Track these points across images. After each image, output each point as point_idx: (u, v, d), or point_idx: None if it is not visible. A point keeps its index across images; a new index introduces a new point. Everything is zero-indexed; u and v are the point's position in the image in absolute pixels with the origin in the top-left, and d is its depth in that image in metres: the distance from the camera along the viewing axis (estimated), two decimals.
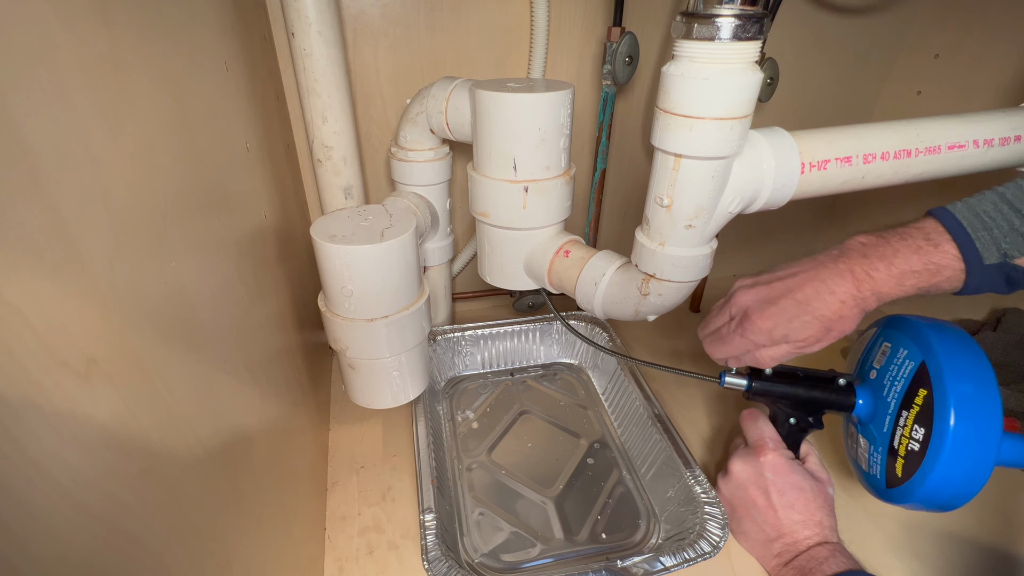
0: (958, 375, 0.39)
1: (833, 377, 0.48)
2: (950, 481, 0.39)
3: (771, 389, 0.47)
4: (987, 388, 0.39)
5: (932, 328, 0.43)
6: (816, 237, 0.93)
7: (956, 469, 0.39)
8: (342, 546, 0.48)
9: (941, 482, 0.39)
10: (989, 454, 0.38)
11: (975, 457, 0.38)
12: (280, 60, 0.56)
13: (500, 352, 0.70)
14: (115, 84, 0.23)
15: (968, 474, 0.39)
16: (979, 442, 0.38)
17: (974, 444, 0.38)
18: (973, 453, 0.38)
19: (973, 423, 0.38)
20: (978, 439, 0.38)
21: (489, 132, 0.45)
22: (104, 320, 0.20)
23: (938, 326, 0.43)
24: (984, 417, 0.38)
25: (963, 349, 0.41)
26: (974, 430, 0.38)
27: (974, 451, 0.38)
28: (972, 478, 0.39)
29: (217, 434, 0.29)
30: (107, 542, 0.19)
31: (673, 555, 0.44)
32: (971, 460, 0.38)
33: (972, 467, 0.39)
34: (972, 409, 0.38)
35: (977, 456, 0.38)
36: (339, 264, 0.44)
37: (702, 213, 0.38)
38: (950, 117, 0.42)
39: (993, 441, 0.38)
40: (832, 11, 0.69)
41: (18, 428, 0.15)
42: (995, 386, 0.39)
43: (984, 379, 0.39)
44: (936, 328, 0.43)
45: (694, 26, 0.32)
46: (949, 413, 0.38)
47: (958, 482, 0.39)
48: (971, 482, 0.39)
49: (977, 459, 0.38)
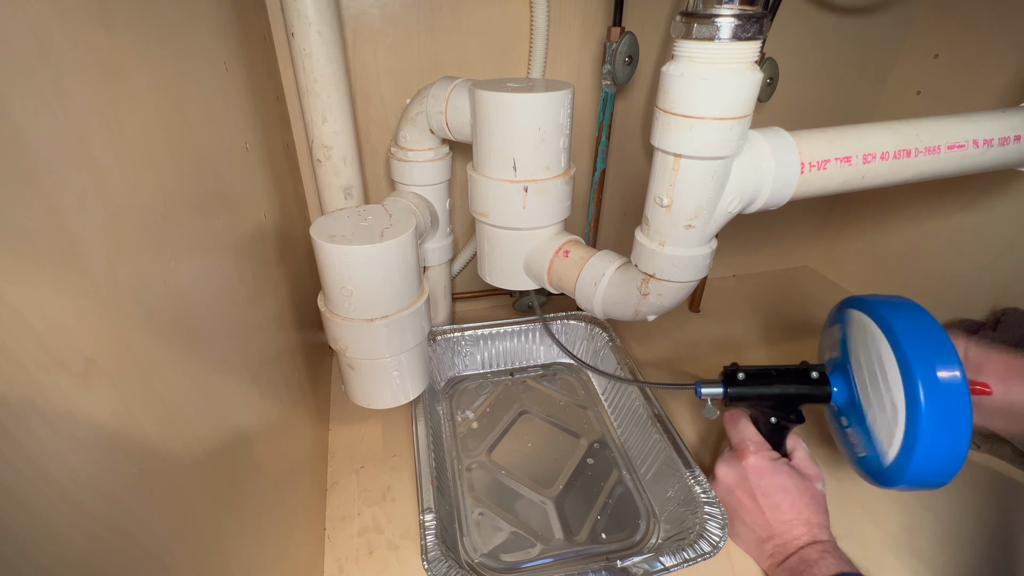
0: (917, 348, 0.40)
1: (805, 369, 0.48)
2: (933, 458, 0.39)
3: (746, 393, 0.48)
4: (948, 359, 0.39)
5: (885, 305, 0.44)
6: (816, 237, 0.93)
7: (936, 443, 0.39)
8: (342, 546, 0.48)
9: (924, 461, 0.40)
10: (965, 420, 0.39)
11: (951, 427, 0.39)
12: (280, 60, 0.56)
13: (500, 352, 0.70)
14: (115, 84, 0.23)
15: (948, 445, 0.39)
16: (952, 410, 0.39)
17: (947, 414, 0.39)
18: (949, 424, 0.39)
19: (941, 394, 0.39)
20: (950, 408, 0.39)
21: (489, 132, 0.45)
22: (103, 320, 0.20)
23: (890, 302, 0.44)
24: (951, 386, 0.39)
25: (920, 324, 0.42)
26: (943, 400, 0.39)
27: (949, 421, 0.39)
28: (954, 451, 0.39)
29: (216, 434, 0.29)
30: (106, 542, 0.19)
31: (673, 555, 0.44)
32: (948, 431, 0.39)
33: (951, 437, 0.39)
34: (936, 381, 0.39)
35: (953, 425, 0.39)
36: (339, 264, 0.44)
37: (702, 213, 0.38)
38: (950, 117, 0.42)
39: (965, 412, 0.38)
40: (832, 11, 0.69)
41: (17, 428, 0.15)
42: (956, 357, 0.39)
43: (943, 349, 0.40)
44: (892, 305, 0.44)
45: (694, 26, 0.32)
46: (918, 390, 0.39)
47: (941, 455, 0.39)
48: (954, 455, 0.39)
49: (954, 428, 0.39)
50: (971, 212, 0.69)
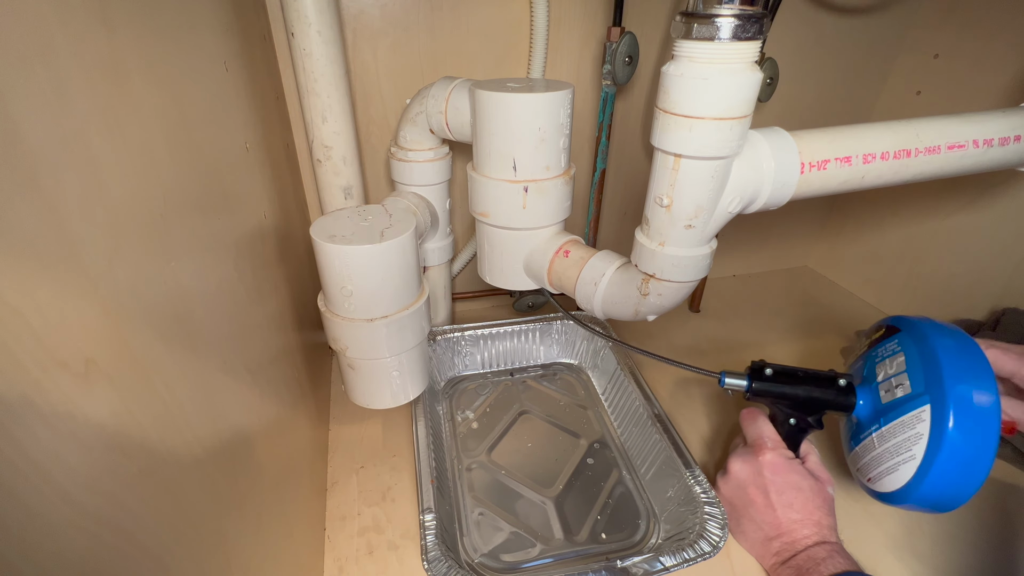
0: (957, 376, 0.39)
1: (833, 377, 0.48)
2: (947, 483, 0.39)
3: (771, 389, 0.47)
4: (986, 390, 0.39)
5: (932, 329, 0.43)
6: (816, 237, 0.93)
7: (952, 472, 0.39)
8: (342, 546, 0.48)
9: (937, 485, 0.39)
10: (986, 457, 0.38)
11: (972, 460, 0.38)
12: (280, 60, 0.56)
13: (500, 352, 0.70)
14: (114, 84, 0.23)
15: (964, 477, 0.39)
16: (976, 445, 0.38)
17: (971, 447, 0.38)
18: (970, 456, 0.38)
19: (970, 426, 0.38)
20: (975, 442, 0.38)
21: (489, 132, 0.45)
22: (103, 320, 0.20)
23: (939, 327, 0.43)
24: (982, 420, 0.38)
25: (962, 350, 0.41)
26: (971, 433, 0.38)
27: (971, 454, 0.38)
28: (968, 480, 0.39)
29: (216, 434, 0.29)
30: (106, 542, 0.19)
31: (673, 555, 0.44)
32: (967, 463, 0.38)
33: (968, 470, 0.38)
34: (970, 411, 0.38)
35: (974, 458, 0.38)
36: (339, 264, 0.44)
37: (702, 213, 0.38)
38: (950, 117, 0.42)
39: (991, 444, 0.38)
40: (832, 11, 0.69)
41: (17, 428, 0.15)
42: (994, 388, 0.39)
43: (983, 381, 0.39)
44: (936, 329, 0.43)
45: (694, 26, 0.32)
46: (948, 416, 0.38)
47: (954, 485, 0.39)
48: (966, 485, 0.39)
49: (974, 461, 0.38)
50: (971, 212, 0.69)
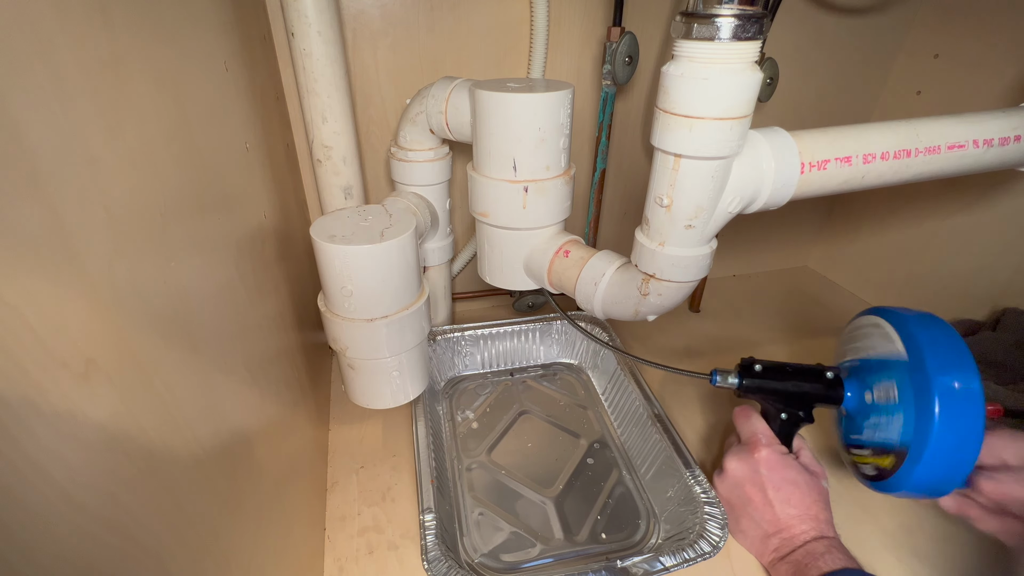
0: (939, 363, 0.40)
1: (821, 370, 0.49)
2: (938, 468, 0.40)
3: (761, 385, 0.48)
4: (968, 375, 0.39)
5: (914, 318, 0.44)
6: (816, 237, 0.93)
7: (943, 457, 0.39)
8: (342, 546, 0.48)
9: (930, 470, 0.40)
10: (975, 439, 0.39)
11: (961, 443, 0.39)
12: (280, 60, 0.56)
13: (500, 352, 0.70)
14: (114, 84, 0.23)
15: (955, 460, 0.39)
16: (964, 428, 0.39)
17: (959, 431, 0.39)
18: (959, 439, 0.39)
19: (956, 411, 0.39)
20: (962, 425, 0.39)
21: (489, 132, 0.45)
22: (103, 320, 0.20)
23: (921, 316, 0.44)
24: (967, 403, 0.39)
25: (944, 338, 0.42)
26: (958, 417, 0.39)
27: (959, 437, 0.39)
28: (959, 464, 0.39)
29: (216, 434, 0.29)
30: (106, 542, 0.19)
31: (673, 555, 0.44)
32: (957, 446, 0.39)
33: (958, 453, 0.39)
34: (954, 396, 0.39)
35: (963, 442, 0.39)
36: (339, 264, 0.44)
37: (702, 213, 0.38)
38: (950, 117, 0.42)
39: (978, 427, 0.39)
40: (832, 11, 0.69)
41: (17, 428, 0.15)
42: (976, 374, 0.39)
43: (965, 367, 0.40)
44: (918, 318, 0.44)
45: (694, 26, 0.32)
46: (934, 402, 0.39)
47: (946, 468, 0.40)
48: (958, 468, 0.40)
49: (963, 445, 0.39)
50: (971, 212, 0.69)
